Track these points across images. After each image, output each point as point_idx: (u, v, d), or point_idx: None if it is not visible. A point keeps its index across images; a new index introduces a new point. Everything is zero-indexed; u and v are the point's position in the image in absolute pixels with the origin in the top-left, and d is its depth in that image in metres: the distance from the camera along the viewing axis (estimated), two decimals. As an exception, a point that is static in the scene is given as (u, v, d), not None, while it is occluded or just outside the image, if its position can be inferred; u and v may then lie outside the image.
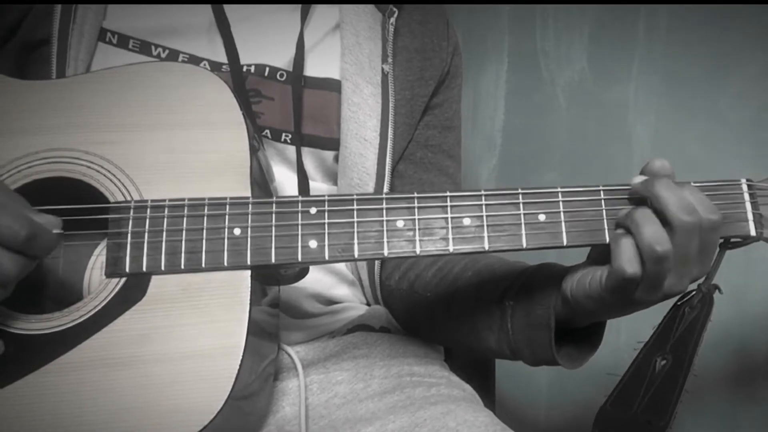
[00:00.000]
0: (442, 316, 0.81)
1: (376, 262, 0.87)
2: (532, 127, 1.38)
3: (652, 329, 0.67)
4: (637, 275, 0.59)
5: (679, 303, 0.66)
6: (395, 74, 0.87)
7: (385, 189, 0.84)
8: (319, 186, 0.86)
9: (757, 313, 0.99)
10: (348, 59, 0.85)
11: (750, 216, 0.64)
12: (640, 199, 0.62)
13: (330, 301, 0.86)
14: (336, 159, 0.86)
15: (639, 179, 0.63)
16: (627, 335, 1.13)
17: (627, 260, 0.59)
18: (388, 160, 0.85)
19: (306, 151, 0.84)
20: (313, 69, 0.85)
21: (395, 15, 0.87)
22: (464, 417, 0.70)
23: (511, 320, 0.72)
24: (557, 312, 0.68)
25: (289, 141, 0.83)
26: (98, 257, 0.67)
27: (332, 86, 0.85)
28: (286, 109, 0.82)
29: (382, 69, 0.86)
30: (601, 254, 0.65)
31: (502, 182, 1.42)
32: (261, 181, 0.71)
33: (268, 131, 0.82)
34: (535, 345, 0.70)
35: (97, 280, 0.63)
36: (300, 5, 0.86)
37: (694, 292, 0.66)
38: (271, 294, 0.71)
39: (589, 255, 0.69)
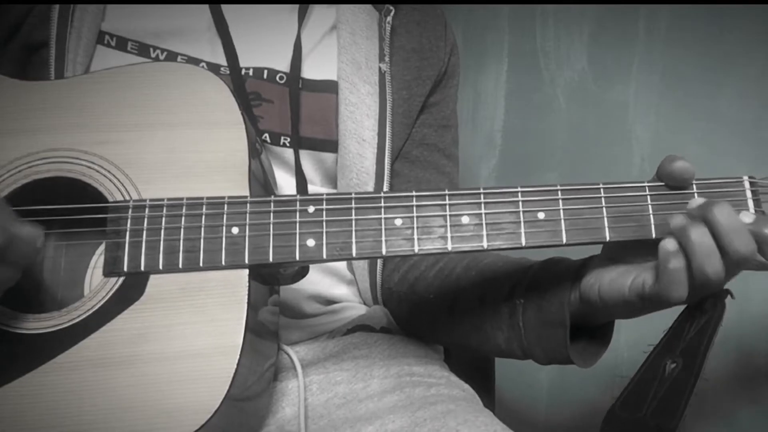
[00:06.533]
0: (445, 317, 0.81)
1: (378, 264, 0.86)
2: (532, 127, 1.38)
3: (658, 331, 0.67)
4: (683, 299, 0.58)
5: (690, 307, 0.66)
6: (392, 74, 0.87)
7: (385, 188, 0.84)
8: (318, 189, 0.86)
9: (757, 313, 0.99)
10: (344, 59, 0.85)
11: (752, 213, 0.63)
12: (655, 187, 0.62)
13: (329, 301, 0.86)
14: (336, 161, 0.85)
15: (695, 202, 0.61)
16: (627, 334, 1.13)
17: (675, 287, 0.58)
18: (387, 160, 0.85)
19: (305, 154, 0.84)
20: (311, 71, 0.85)
21: (392, 14, 0.87)
22: (464, 417, 0.69)
23: (523, 318, 0.71)
24: (572, 310, 0.68)
25: (287, 144, 0.83)
26: (100, 257, 0.67)
27: (330, 88, 0.85)
28: (284, 112, 0.82)
29: (379, 68, 0.86)
30: (615, 250, 0.65)
31: (502, 182, 1.42)
32: (264, 183, 0.71)
33: (267, 135, 0.82)
34: (548, 343, 0.70)
35: (98, 280, 0.63)
36: (297, 6, 0.86)
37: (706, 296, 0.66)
38: (271, 294, 0.71)
39: (603, 249, 0.68)
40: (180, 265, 0.62)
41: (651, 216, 0.63)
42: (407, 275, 0.86)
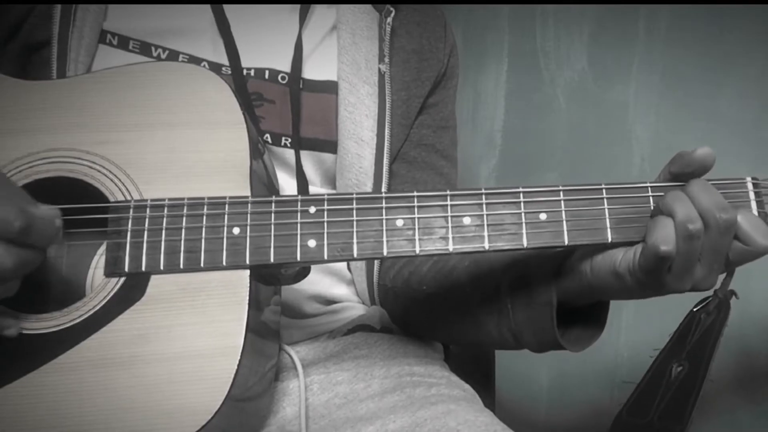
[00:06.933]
0: (440, 308, 0.81)
1: (375, 265, 0.86)
2: (532, 127, 1.38)
3: (658, 332, 0.67)
4: (671, 253, 0.58)
5: (695, 309, 0.66)
6: (392, 74, 0.87)
7: (383, 189, 0.84)
8: (318, 190, 0.86)
9: (757, 313, 0.99)
10: (344, 59, 0.85)
11: (755, 214, 0.63)
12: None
13: (329, 301, 0.86)
14: (336, 162, 0.85)
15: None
16: (627, 336, 1.13)
17: (662, 237, 0.58)
18: (386, 161, 0.85)
19: (305, 155, 0.84)
20: (312, 72, 0.85)
21: (392, 15, 0.87)
22: (465, 417, 0.69)
23: (512, 301, 0.71)
24: (559, 291, 0.68)
25: (288, 145, 0.83)
26: (101, 257, 0.67)
27: (330, 88, 0.85)
28: (285, 113, 0.82)
29: (379, 69, 0.86)
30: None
31: (502, 182, 1.42)
32: (267, 184, 0.70)
33: (268, 135, 0.82)
34: (537, 325, 0.69)
35: (99, 280, 0.63)
36: (299, 6, 0.86)
37: (710, 298, 0.66)
38: (272, 294, 0.71)
39: None
40: (181, 266, 0.62)
41: (653, 217, 0.63)
42: (402, 271, 0.86)
